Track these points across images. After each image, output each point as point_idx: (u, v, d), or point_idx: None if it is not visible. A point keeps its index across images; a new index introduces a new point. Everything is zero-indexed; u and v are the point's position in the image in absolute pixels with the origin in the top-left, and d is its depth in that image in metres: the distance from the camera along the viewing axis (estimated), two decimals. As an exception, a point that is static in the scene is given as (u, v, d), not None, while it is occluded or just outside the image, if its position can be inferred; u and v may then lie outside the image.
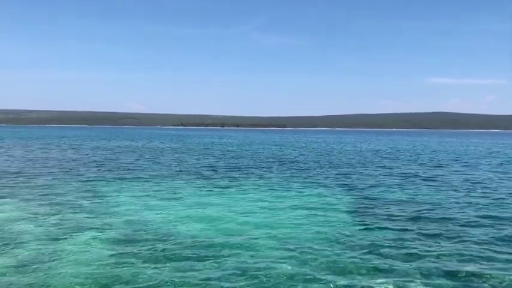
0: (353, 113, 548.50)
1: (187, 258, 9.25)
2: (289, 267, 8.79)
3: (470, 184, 21.74)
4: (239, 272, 8.51)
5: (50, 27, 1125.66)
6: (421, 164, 34.20)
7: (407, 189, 19.84)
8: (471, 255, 9.78)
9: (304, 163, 33.43)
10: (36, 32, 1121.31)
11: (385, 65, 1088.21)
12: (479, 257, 9.67)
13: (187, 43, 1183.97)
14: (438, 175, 25.80)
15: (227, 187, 19.73)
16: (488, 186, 21.07)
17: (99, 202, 15.57)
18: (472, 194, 18.30)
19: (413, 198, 17.20)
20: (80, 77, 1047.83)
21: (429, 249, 10.23)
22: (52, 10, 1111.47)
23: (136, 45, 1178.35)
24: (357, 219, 13.36)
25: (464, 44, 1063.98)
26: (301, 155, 43.87)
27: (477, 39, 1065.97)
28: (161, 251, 9.82)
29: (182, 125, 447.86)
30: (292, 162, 34.36)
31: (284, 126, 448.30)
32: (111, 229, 11.67)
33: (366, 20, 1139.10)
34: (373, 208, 15.10)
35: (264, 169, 28.10)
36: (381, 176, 24.86)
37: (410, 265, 9.02)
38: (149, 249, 9.88)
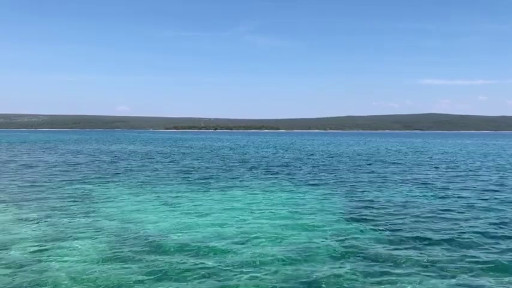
0: (345, 115, 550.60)
1: (179, 265, 9.12)
2: (284, 273, 8.63)
3: (470, 187, 21.38)
4: (231, 277, 8.42)
5: (39, 29, 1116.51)
6: (417, 166, 33.82)
7: (403, 192, 19.55)
8: (473, 260, 9.57)
9: (299, 166, 33.05)
10: (25, 34, 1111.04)
11: (376, 67, 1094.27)
12: (481, 261, 9.49)
13: (180, 45, 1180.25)
14: (435, 178, 25.45)
15: (220, 190, 19.53)
16: (486, 188, 20.80)
17: (91, 206, 15.46)
18: (472, 198, 17.86)
19: (409, 202, 16.95)
20: (71, 80, 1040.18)
21: (426, 254, 10.00)
22: (40, 11, 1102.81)
23: (127, 47, 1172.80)
24: (352, 223, 13.14)
25: (455, 45, 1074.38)
26: (295, 158, 43.59)
27: (468, 40, 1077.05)
28: (152, 255, 9.76)
29: (175, 128, 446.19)
30: (287, 165, 33.99)
31: (277, 128, 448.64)
32: (103, 234, 11.61)
33: (357, 21, 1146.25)
34: (368, 212, 14.83)
35: (258, 172, 27.74)
36: (376, 179, 24.50)
37: (407, 270, 8.86)
38: (141, 255, 9.77)
